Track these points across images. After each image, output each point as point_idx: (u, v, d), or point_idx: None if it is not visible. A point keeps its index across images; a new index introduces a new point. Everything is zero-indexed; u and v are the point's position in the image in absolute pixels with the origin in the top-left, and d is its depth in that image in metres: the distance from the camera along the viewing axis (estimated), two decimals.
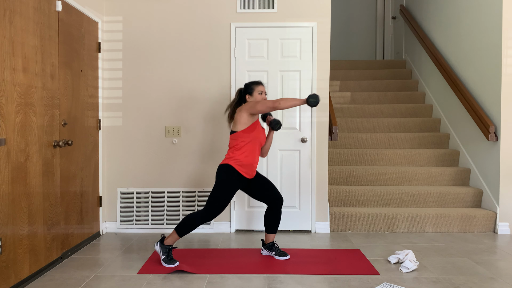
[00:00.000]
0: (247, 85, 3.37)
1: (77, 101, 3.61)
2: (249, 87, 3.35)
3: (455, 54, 5.21)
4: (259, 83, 3.37)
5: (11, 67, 2.67)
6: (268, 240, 3.46)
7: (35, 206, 2.95)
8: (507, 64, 4.22)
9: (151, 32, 4.21)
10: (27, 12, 2.84)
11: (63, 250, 3.37)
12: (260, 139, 3.30)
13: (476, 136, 4.69)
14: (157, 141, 4.22)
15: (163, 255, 3.21)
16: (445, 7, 5.52)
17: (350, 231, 4.30)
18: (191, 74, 4.21)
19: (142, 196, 4.22)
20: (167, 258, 3.19)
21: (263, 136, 3.35)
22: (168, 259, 3.19)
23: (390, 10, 7.94)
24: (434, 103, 5.77)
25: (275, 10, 4.19)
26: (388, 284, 2.85)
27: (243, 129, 3.20)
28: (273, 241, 3.47)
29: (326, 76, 4.19)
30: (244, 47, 4.21)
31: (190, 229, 3.17)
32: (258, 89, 3.33)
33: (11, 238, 2.68)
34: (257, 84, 3.36)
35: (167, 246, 3.21)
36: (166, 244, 3.21)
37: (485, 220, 4.26)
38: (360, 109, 5.81)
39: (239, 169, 3.19)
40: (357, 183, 4.80)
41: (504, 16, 4.22)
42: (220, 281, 2.92)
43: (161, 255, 3.21)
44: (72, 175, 3.51)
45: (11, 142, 2.67)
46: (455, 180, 4.81)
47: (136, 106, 4.22)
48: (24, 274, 2.82)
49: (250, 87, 3.35)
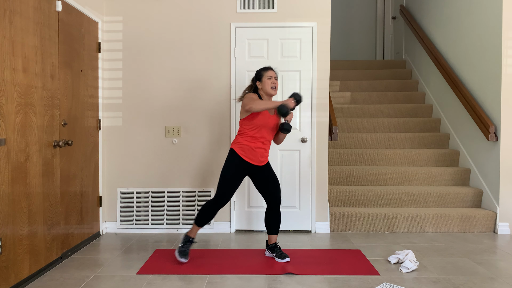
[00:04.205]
0: (257, 71, 3.39)
1: (77, 101, 3.61)
2: (259, 73, 3.36)
3: (455, 54, 5.22)
4: (268, 68, 3.35)
5: (11, 67, 2.67)
6: (270, 241, 3.45)
7: (35, 206, 2.95)
8: (507, 64, 4.22)
9: (151, 32, 4.21)
10: (27, 12, 2.84)
11: (63, 250, 3.37)
12: (268, 125, 3.28)
13: (476, 136, 4.69)
14: (157, 141, 4.22)
15: (180, 243, 3.31)
16: (445, 7, 5.52)
17: (350, 231, 4.30)
18: (191, 74, 4.21)
19: (142, 196, 4.22)
20: (182, 248, 3.29)
21: (272, 121, 3.30)
22: (182, 249, 3.28)
23: (390, 10, 7.94)
24: (434, 103, 5.77)
25: (275, 10, 4.19)
26: (388, 284, 2.85)
27: (243, 118, 3.30)
28: (275, 242, 3.44)
29: (326, 76, 4.19)
30: (244, 47, 4.21)
31: (207, 216, 3.27)
32: (267, 75, 3.33)
33: (11, 238, 2.67)
34: (266, 69, 3.35)
35: (188, 236, 3.32)
36: (188, 234, 3.33)
37: (485, 220, 4.26)
38: (360, 109, 5.81)
39: (240, 153, 3.25)
40: (357, 183, 4.80)
41: (504, 16, 4.22)
42: (220, 281, 2.92)
43: (180, 243, 3.31)
44: (72, 175, 3.51)
45: (11, 142, 2.67)
46: (455, 180, 4.81)
47: (136, 106, 4.22)
48: (24, 274, 2.82)
49: (259, 73, 3.36)
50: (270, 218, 3.40)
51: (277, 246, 3.43)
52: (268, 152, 3.41)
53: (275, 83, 3.33)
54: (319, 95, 4.19)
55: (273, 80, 3.32)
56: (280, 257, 3.35)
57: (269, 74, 3.32)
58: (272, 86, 3.32)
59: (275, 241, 3.44)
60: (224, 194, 3.25)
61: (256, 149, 3.26)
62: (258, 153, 3.28)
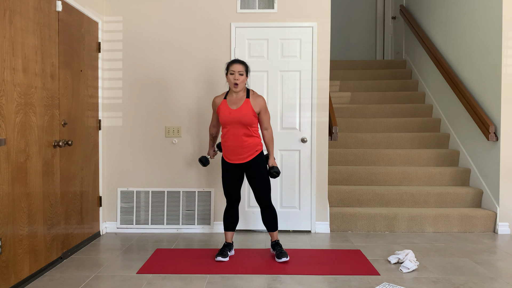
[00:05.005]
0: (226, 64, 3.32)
1: (77, 101, 3.61)
2: (226, 67, 3.27)
3: (455, 54, 5.22)
4: (233, 62, 3.22)
5: (11, 67, 2.67)
6: (271, 238, 3.46)
7: (35, 206, 2.95)
8: (507, 64, 4.22)
9: (151, 32, 4.21)
10: (27, 12, 2.84)
11: (63, 250, 3.37)
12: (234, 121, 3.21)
13: (476, 136, 4.69)
14: (157, 141, 4.22)
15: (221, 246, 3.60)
16: (445, 7, 5.52)
17: (350, 231, 4.29)
18: (191, 74, 4.21)
19: (142, 196, 4.22)
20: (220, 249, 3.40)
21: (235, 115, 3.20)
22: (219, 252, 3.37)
23: (390, 10, 7.94)
24: (434, 103, 5.77)
25: (275, 10, 4.19)
26: (388, 284, 2.85)
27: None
28: (276, 240, 3.44)
29: (326, 76, 4.19)
30: (244, 47, 4.21)
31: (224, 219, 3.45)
32: (230, 69, 3.21)
33: (11, 238, 2.67)
34: (230, 63, 3.23)
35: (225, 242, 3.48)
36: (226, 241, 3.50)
37: (485, 220, 4.26)
38: (360, 109, 5.81)
39: (223, 154, 3.36)
40: (357, 183, 4.80)
41: (504, 16, 4.22)
42: (220, 281, 2.92)
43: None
44: (72, 175, 3.51)
45: (11, 142, 2.67)
46: (455, 180, 4.81)
47: (136, 106, 4.22)
48: (24, 274, 2.82)
49: (226, 67, 3.27)
50: (263, 216, 3.43)
51: (278, 244, 3.40)
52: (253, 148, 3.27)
53: (238, 79, 3.17)
54: (319, 95, 4.19)
55: (236, 76, 3.17)
56: (278, 256, 3.31)
57: (232, 68, 3.19)
58: (234, 82, 3.18)
59: (274, 239, 3.44)
60: (226, 194, 3.41)
61: (233, 148, 3.26)
62: (234, 151, 3.27)
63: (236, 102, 3.26)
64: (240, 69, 3.20)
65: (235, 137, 3.24)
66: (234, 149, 3.26)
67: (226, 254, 3.35)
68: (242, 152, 3.26)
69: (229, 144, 3.27)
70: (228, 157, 3.30)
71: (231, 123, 3.23)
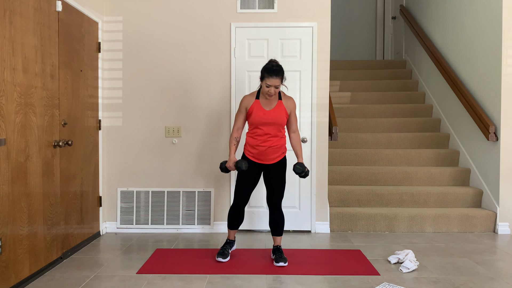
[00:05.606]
0: (262, 70, 3.16)
1: (77, 101, 3.61)
2: (262, 74, 3.16)
3: (455, 54, 5.22)
4: (272, 75, 3.09)
5: (11, 67, 2.67)
6: (274, 243, 3.42)
7: (35, 206, 2.95)
8: (507, 64, 4.22)
9: (151, 32, 4.21)
10: (27, 12, 2.84)
11: (63, 250, 3.37)
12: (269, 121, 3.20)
13: (476, 136, 4.69)
14: (157, 141, 4.22)
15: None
16: (445, 7, 5.52)
17: (350, 231, 4.30)
18: (191, 74, 4.21)
19: (142, 196, 4.22)
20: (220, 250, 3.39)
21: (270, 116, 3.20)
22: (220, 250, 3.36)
23: (390, 10, 7.94)
24: (434, 103, 5.77)
25: (275, 10, 4.19)
26: (388, 284, 2.85)
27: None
28: (277, 245, 3.39)
29: (326, 76, 4.19)
30: (244, 47, 4.21)
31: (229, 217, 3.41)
32: (267, 82, 3.11)
33: (11, 238, 2.67)
34: (269, 75, 3.10)
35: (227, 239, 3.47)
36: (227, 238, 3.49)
37: (485, 220, 4.26)
38: (360, 109, 5.81)
39: (246, 152, 3.33)
40: (357, 183, 4.80)
41: (504, 16, 4.22)
42: (220, 281, 2.92)
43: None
44: (72, 175, 3.51)
45: (11, 142, 2.67)
46: (455, 180, 4.81)
47: (136, 106, 4.22)
48: (24, 274, 2.82)
49: (262, 74, 3.16)
50: (270, 219, 3.39)
51: (279, 249, 3.35)
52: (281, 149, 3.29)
53: (271, 94, 3.15)
54: (319, 95, 4.19)
55: (271, 90, 3.12)
56: (276, 260, 3.25)
57: (269, 82, 3.10)
58: (267, 94, 3.17)
59: (277, 244, 3.39)
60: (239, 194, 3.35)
61: (258, 147, 3.25)
62: (261, 150, 3.25)
63: (269, 103, 3.25)
64: (277, 84, 3.12)
65: (268, 137, 3.25)
66: (265, 150, 3.25)
67: (227, 254, 3.35)
68: (273, 152, 3.27)
69: (261, 144, 3.25)
70: (255, 155, 3.27)
71: (264, 124, 3.22)
